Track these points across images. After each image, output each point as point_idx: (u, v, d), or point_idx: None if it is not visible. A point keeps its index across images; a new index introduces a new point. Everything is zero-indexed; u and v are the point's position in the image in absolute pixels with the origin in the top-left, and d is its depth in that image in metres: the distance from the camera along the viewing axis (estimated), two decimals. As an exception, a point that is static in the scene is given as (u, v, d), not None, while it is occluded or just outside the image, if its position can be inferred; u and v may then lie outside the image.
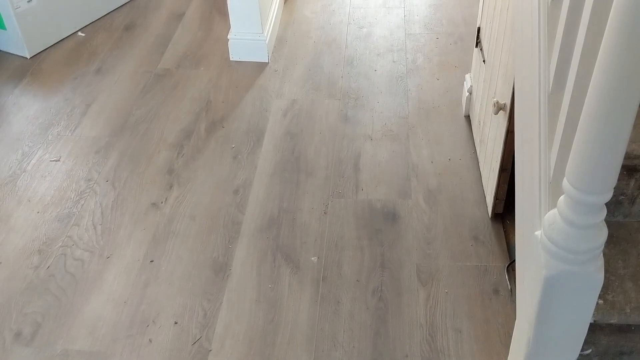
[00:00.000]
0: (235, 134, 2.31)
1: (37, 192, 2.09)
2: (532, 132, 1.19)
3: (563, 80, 1.08)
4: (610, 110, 0.85)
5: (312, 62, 2.69)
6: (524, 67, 1.28)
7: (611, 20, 0.79)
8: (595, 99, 0.86)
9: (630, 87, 0.83)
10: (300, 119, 2.37)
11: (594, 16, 0.94)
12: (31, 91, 2.56)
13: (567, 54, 1.06)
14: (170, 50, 2.78)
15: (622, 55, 0.80)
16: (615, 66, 0.81)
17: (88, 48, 2.81)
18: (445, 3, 3.02)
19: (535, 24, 1.19)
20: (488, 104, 1.89)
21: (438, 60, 2.64)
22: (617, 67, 0.81)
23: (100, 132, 2.33)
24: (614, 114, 0.86)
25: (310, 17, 2.99)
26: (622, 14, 0.77)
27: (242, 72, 2.64)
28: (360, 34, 2.86)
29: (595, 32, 0.94)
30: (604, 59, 0.82)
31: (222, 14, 2.98)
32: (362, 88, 2.52)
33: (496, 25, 1.80)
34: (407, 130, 2.28)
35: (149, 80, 2.59)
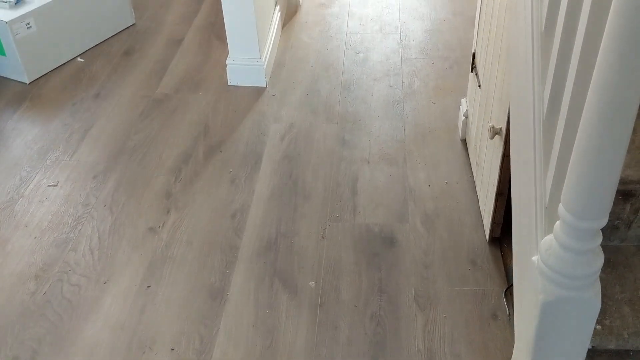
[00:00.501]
0: (233, 158, 2.32)
1: (35, 217, 2.09)
2: (527, 157, 1.20)
3: (557, 106, 1.09)
4: (604, 137, 0.86)
5: (309, 86, 2.71)
6: (518, 93, 1.30)
7: (603, 47, 0.80)
8: (589, 125, 0.87)
9: (624, 113, 0.84)
10: (298, 143, 2.38)
11: (587, 43, 0.95)
12: (30, 116, 2.57)
13: (561, 81, 1.08)
14: (169, 75, 2.80)
15: (615, 81, 0.81)
16: (608, 93, 0.82)
17: (87, 73, 2.83)
18: (440, 29, 3.06)
19: (529, 50, 1.21)
20: (484, 128, 1.90)
21: (434, 84, 2.66)
22: (610, 94, 0.82)
23: (98, 157, 2.34)
24: (607, 140, 0.87)
25: (308, 42, 3.02)
26: (614, 41, 0.78)
27: (240, 96, 2.66)
28: (357, 58, 2.89)
29: (588, 58, 0.95)
30: (598, 85, 0.83)
31: (221, 40, 3.01)
32: (359, 112, 2.54)
33: (491, 51, 1.82)
34: (404, 154, 2.29)
35: (147, 105, 2.61)
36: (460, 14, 3.15)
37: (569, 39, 1.04)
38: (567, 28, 1.06)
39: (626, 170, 1.19)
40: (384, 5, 3.29)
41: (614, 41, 0.78)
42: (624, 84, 0.81)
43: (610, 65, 0.80)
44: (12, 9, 2.63)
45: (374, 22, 3.16)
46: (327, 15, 3.25)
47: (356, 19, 3.19)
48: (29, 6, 2.68)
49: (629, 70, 0.79)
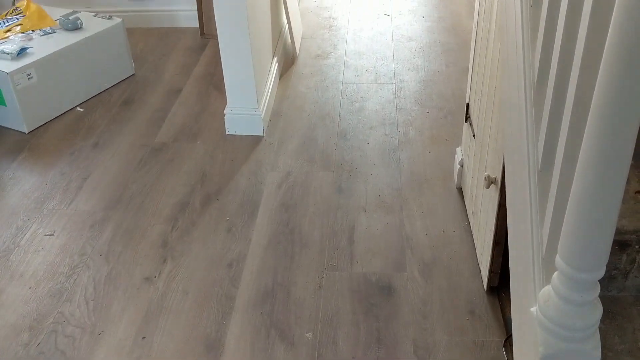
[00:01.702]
0: (230, 207, 2.32)
1: (30, 266, 2.08)
2: (523, 207, 1.21)
3: (551, 158, 1.11)
4: (599, 188, 0.88)
5: (306, 135, 2.74)
6: (513, 144, 1.32)
7: (596, 99, 0.82)
8: (584, 177, 0.88)
9: (618, 164, 0.85)
10: (295, 191, 2.39)
11: (579, 94, 0.98)
12: (28, 166, 2.59)
13: (555, 132, 1.10)
14: (167, 125, 2.83)
15: (608, 133, 0.83)
16: (601, 145, 0.84)
17: (86, 123, 2.86)
18: (434, 79, 3.12)
19: (522, 102, 1.24)
20: (479, 177, 1.92)
21: (429, 133, 2.70)
22: (603, 146, 0.84)
23: (95, 206, 2.34)
24: (602, 191, 0.88)
25: (305, 92, 3.08)
26: (606, 96, 0.80)
27: (237, 145, 2.68)
28: (353, 108, 2.93)
29: (582, 109, 0.98)
30: (591, 137, 0.85)
31: (219, 90, 3.05)
32: (355, 160, 2.56)
33: (484, 102, 1.85)
34: (401, 202, 2.30)
35: (145, 154, 2.63)
36: (453, 65, 3.22)
37: (562, 90, 1.07)
38: (560, 80, 1.08)
39: (621, 220, 1.20)
40: (378, 57, 3.37)
41: (605, 95, 0.80)
42: (617, 136, 0.83)
43: (603, 117, 0.82)
44: (13, 60, 2.68)
45: (369, 73, 3.22)
46: (324, 66, 3.31)
47: (352, 70, 3.25)
48: (31, 57, 2.73)
49: (621, 122, 0.81)
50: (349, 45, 3.51)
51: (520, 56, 1.26)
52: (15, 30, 2.93)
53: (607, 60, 0.79)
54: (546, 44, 1.14)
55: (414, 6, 3.94)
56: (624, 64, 0.77)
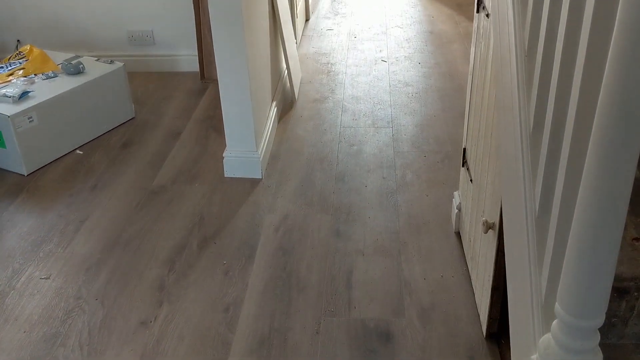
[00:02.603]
0: (227, 250, 2.32)
1: (25, 310, 2.05)
2: (521, 253, 1.21)
3: (549, 205, 1.12)
4: (597, 236, 0.88)
5: (304, 178, 2.76)
6: (510, 190, 1.33)
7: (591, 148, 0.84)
8: (582, 225, 0.89)
9: (615, 212, 0.86)
10: (293, 235, 2.39)
11: (575, 144, 0.99)
12: (26, 208, 2.59)
13: (551, 180, 1.11)
14: (166, 167, 2.84)
15: (604, 181, 0.84)
16: (598, 193, 0.85)
17: (85, 165, 2.87)
18: (431, 123, 3.15)
19: (519, 149, 1.25)
20: (477, 222, 1.92)
21: (426, 177, 2.72)
22: (600, 194, 0.85)
23: (92, 249, 2.33)
24: (600, 239, 0.88)
25: (303, 135, 3.10)
26: (600, 147, 0.82)
27: (235, 188, 2.69)
28: (351, 151, 2.96)
29: (577, 159, 0.99)
30: (587, 185, 0.86)
31: (218, 132, 3.08)
32: (353, 203, 2.57)
33: (481, 147, 1.87)
34: (399, 246, 2.30)
35: (143, 197, 2.63)
36: (449, 110, 3.26)
37: (558, 139, 1.09)
38: (555, 129, 1.10)
39: (620, 267, 1.20)
40: (376, 101, 3.41)
41: (601, 145, 0.82)
42: (613, 183, 0.84)
43: (599, 166, 0.84)
44: (15, 103, 2.71)
45: (367, 117, 3.26)
46: (322, 109, 3.35)
47: (349, 114, 3.29)
48: (32, 100, 2.76)
49: (617, 171, 0.83)
50: (347, 90, 3.56)
51: (515, 104, 1.28)
52: (17, 74, 2.98)
53: (602, 109, 0.81)
54: (541, 94, 1.16)
55: (410, 53, 4.02)
56: (619, 113, 0.79)
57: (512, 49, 1.34)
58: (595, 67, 0.94)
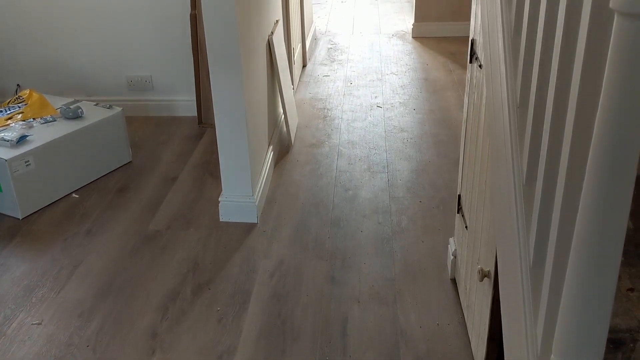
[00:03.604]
0: (221, 296, 2.29)
1: (15, 357, 2.02)
2: (516, 304, 1.21)
3: (543, 256, 1.12)
4: (591, 288, 0.88)
5: (299, 222, 2.75)
6: (504, 239, 1.33)
7: (582, 205, 0.85)
8: (576, 276, 0.89)
9: (608, 265, 0.86)
10: (287, 281, 2.37)
11: (567, 196, 1.00)
12: (20, 252, 2.57)
13: (545, 231, 1.12)
14: (161, 212, 2.84)
15: (596, 235, 0.85)
16: (591, 247, 0.86)
17: (80, 209, 2.87)
18: (426, 169, 3.18)
19: (512, 200, 1.26)
20: (473, 270, 1.92)
21: (422, 223, 2.72)
22: (593, 246, 0.86)
23: (85, 295, 2.31)
24: (595, 290, 0.88)
25: (299, 179, 3.12)
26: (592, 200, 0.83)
27: (231, 232, 2.69)
28: (346, 196, 2.97)
29: (571, 210, 1.00)
30: (580, 238, 0.86)
31: (214, 177, 3.09)
32: (348, 249, 2.56)
33: (476, 195, 1.89)
34: (395, 293, 2.28)
35: (138, 242, 2.62)
36: (444, 156, 3.29)
37: (550, 191, 1.10)
38: (548, 181, 1.11)
39: (615, 318, 1.19)
40: (371, 146, 3.45)
41: (593, 198, 0.83)
42: (606, 234, 0.84)
43: (591, 220, 0.84)
44: (13, 147, 2.73)
45: (362, 162, 3.28)
46: (318, 154, 3.38)
47: (345, 159, 3.32)
48: (30, 144, 2.77)
49: (610, 222, 0.83)
50: (343, 135, 3.60)
51: (509, 155, 1.30)
52: (16, 118, 3.00)
53: (593, 162, 0.82)
54: (533, 146, 1.18)
55: (405, 99, 4.08)
56: (610, 167, 0.80)
57: (504, 100, 1.37)
58: (586, 119, 0.95)
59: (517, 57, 1.32)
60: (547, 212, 1.11)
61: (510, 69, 1.36)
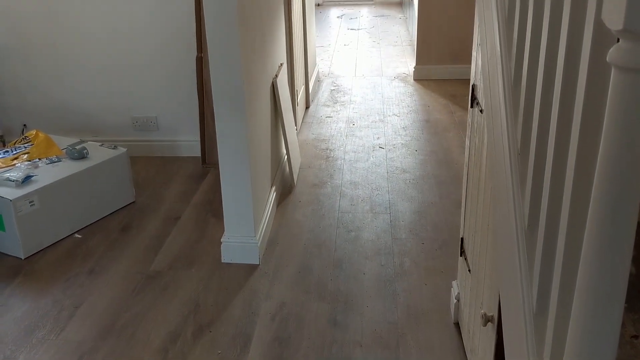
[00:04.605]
0: (222, 339, 2.28)
1: (12, 401, 2.00)
2: (520, 351, 1.20)
3: (546, 302, 1.12)
4: (594, 336, 0.88)
5: (302, 264, 2.75)
6: (507, 285, 1.33)
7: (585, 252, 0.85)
8: (578, 325, 0.89)
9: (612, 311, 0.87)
10: (289, 324, 2.35)
11: (569, 244, 1.01)
12: (21, 292, 2.56)
13: (547, 278, 1.12)
14: (164, 252, 2.84)
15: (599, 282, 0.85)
16: (594, 292, 0.86)
17: (83, 249, 2.87)
18: (428, 210, 3.18)
19: (515, 246, 1.27)
20: (476, 314, 1.91)
21: (425, 265, 2.71)
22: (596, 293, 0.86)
23: (85, 336, 2.29)
24: (598, 338, 0.88)
25: (301, 220, 3.12)
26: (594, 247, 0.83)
27: (232, 274, 2.68)
28: (349, 237, 2.97)
29: (573, 257, 1.00)
30: (582, 287, 0.87)
31: (217, 217, 3.10)
32: (351, 291, 2.55)
33: (479, 238, 1.89)
34: (397, 337, 2.26)
35: (140, 282, 2.62)
36: (446, 198, 3.30)
37: (552, 238, 1.10)
38: (549, 228, 1.12)
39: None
40: (373, 187, 3.46)
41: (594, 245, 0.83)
42: (609, 282, 0.85)
43: (593, 267, 0.85)
44: (18, 187, 2.74)
45: (365, 203, 3.29)
46: (320, 195, 3.39)
47: (347, 199, 3.33)
48: (35, 185, 2.79)
49: (611, 269, 0.84)
50: (345, 176, 3.62)
51: (510, 201, 1.31)
52: (22, 158, 3.03)
53: (594, 210, 0.83)
54: (534, 192, 1.19)
55: (407, 140, 4.11)
56: (610, 215, 0.81)
57: (505, 147, 1.38)
58: (587, 167, 0.97)
59: (517, 105, 1.34)
60: (549, 258, 1.11)
61: (510, 116, 1.38)
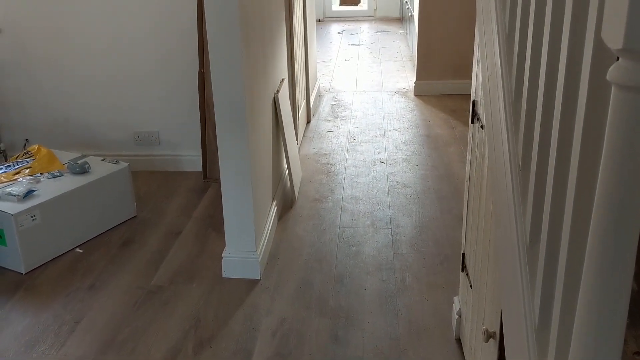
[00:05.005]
0: (223, 355, 2.27)
1: (11, 417, 1.98)
2: (523, 367, 1.20)
3: (548, 319, 1.12)
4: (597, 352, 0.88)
5: (303, 279, 2.74)
6: (509, 301, 1.33)
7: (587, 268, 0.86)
8: (580, 340, 0.89)
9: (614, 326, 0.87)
10: (290, 339, 2.35)
11: (571, 260, 1.01)
12: (22, 307, 2.56)
13: (549, 294, 1.12)
14: (165, 267, 2.84)
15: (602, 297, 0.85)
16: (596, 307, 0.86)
17: (84, 264, 2.87)
18: (430, 225, 3.18)
19: (517, 261, 1.27)
20: (478, 330, 1.90)
21: (426, 280, 2.71)
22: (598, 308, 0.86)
23: (86, 351, 2.28)
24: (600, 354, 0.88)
25: (302, 235, 3.12)
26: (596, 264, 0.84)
27: (233, 289, 2.67)
28: (350, 252, 2.96)
29: (575, 273, 1.00)
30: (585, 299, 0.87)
31: (218, 232, 3.10)
32: (352, 307, 2.54)
33: (480, 254, 1.89)
34: (399, 354, 2.25)
35: (140, 297, 2.61)
36: (447, 212, 3.30)
37: (554, 254, 1.10)
38: (551, 243, 1.12)
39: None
40: (374, 202, 3.46)
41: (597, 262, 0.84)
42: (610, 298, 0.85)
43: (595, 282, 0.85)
44: (20, 202, 2.75)
45: (366, 217, 3.29)
46: (321, 209, 3.39)
47: (349, 214, 3.33)
48: (37, 199, 2.80)
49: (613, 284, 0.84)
50: (346, 190, 3.62)
51: (512, 216, 1.31)
52: (24, 172, 3.04)
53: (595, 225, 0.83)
54: (536, 208, 1.20)
55: (408, 155, 4.12)
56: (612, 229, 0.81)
57: (506, 162, 1.39)
58: (588, 182, 0.97)
59: (518, 121, 1.35)
60: (551, 273, 1.11)
61: (511, 132, 1.39)
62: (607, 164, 0.80)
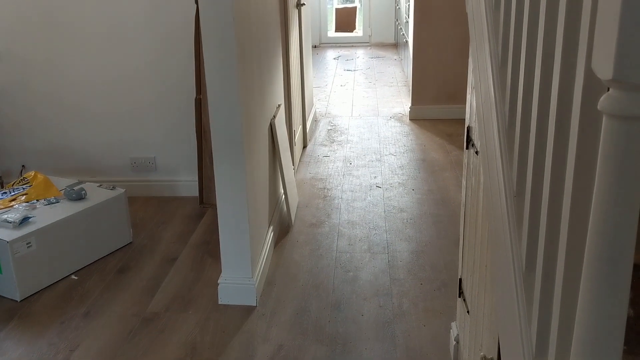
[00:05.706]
0: (220, 383, 2.24)
1: None
2: (521, 395, 1.19)
3: (545, 346, 1.12)
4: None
5: (299, 305, 2.73)
6: (506, 327, 1.33)
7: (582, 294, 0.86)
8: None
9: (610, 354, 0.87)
10: (287, 367, 2.33)
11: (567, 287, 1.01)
12: (16, 335, 2.53)
13: (546, 321, 1.12)
14: (161, 294, 2.82)
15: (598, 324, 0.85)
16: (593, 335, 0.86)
17: (79, 291, 2.85)
18: (426, 250, 3.18)
19: (513, 288, 1.27)
20: (475, 356, 1.89)
21: (423, 306, 2.69)
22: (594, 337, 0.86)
23: (80, 380, 2.26)
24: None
25: (299, 260, 3.11)
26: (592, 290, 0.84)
27: (229, 315, 2.66)
28: (347, 277, 2.95)
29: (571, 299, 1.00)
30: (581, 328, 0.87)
31: (214, 258, 3.09)
32: (349, 333, 2.52)
33: (477, 279, 1.89)
34: (396, 380, 2.24)
35: (136, 325, 2.59)
36: (444, 237, 3.30)
37: (550, 281, 1.11)
38: (547, 270, 1.12)
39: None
40: (371, 226, 3.46)
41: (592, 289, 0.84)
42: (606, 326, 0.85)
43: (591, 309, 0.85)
44: (15, 228, 2.74)
45: (363, 242, 3.29)
46: (318, 234, 3.39)
47: (345, 239, 3.33)
48: (32, 226, 2.79)
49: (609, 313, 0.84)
50: (343, 215, 3.62)
51: (507, 243, 1.32)
52: (20, 199, 3.04)
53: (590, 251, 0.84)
54: (531, 235, 1.20)
55: (404, 179, 4.14)
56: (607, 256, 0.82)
57: (501, 189, 1.40)
58: (582, 208, 0.98)
59: (512, 148, 1.36)
60: (547, 300, 1.11)
61: (506, 159, 1.40)
62: (600, 191, 0.81)
